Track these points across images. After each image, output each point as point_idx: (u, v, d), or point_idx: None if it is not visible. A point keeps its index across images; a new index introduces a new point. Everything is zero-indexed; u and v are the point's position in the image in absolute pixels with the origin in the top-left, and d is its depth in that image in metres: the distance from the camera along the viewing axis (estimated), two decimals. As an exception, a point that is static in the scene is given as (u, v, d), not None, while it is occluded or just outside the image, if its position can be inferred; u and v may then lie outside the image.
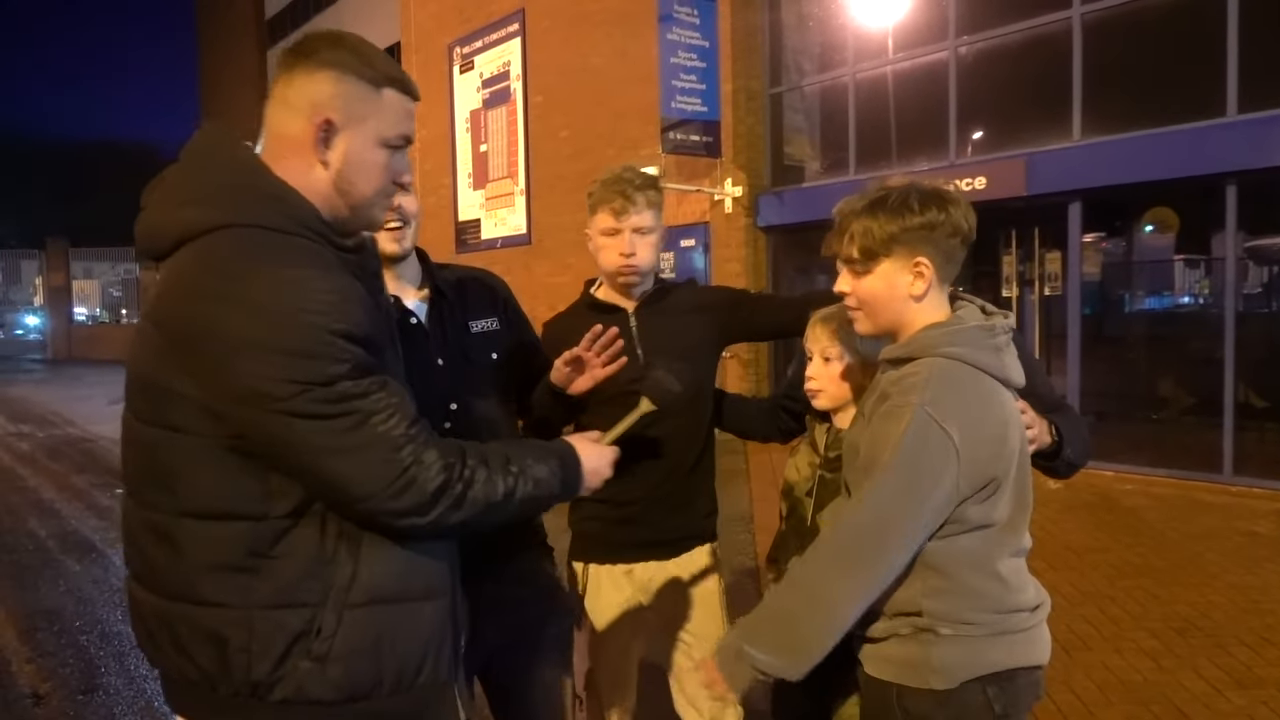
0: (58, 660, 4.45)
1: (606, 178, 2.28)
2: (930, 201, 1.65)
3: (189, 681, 1.37)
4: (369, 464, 1.26)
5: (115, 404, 7.04)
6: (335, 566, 1.33)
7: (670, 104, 11.17)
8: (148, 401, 1.35)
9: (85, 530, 7.15)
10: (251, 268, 1.26)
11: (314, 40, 1.42)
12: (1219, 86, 7.94)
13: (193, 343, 1.26)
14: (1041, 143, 9.21)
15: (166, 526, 1.35)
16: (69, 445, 12.00)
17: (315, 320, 1.23)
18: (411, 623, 1.40)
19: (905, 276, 1.66)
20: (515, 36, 15.69)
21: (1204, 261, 9.59)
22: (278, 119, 1.41)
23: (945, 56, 10.18)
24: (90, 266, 39.81)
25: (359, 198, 1.43)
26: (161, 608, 1.37)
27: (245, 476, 1.30)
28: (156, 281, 1.40)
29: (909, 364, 1.65)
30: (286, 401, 1.23)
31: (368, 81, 1.41)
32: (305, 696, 1.32)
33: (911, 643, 1.64)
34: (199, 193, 1.36)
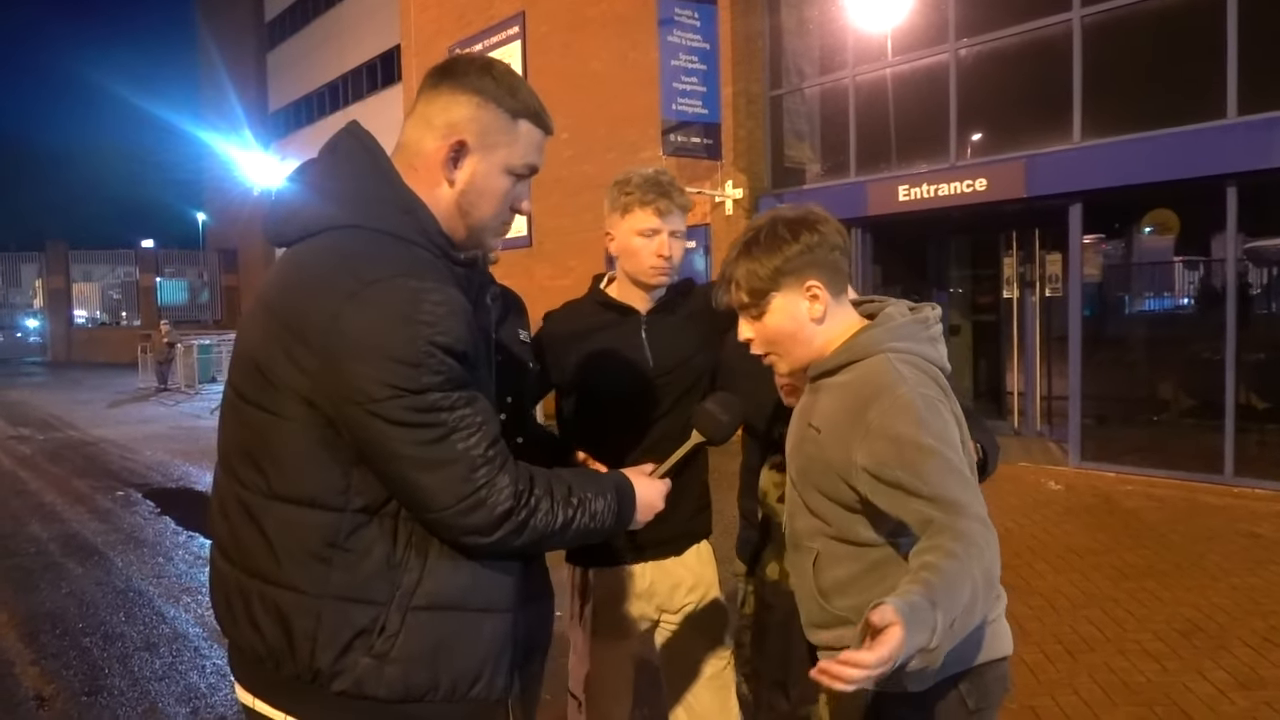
0: (61, 663, 4.45)
1: (641, 179, 2.27)
2: (800, 227, 1.66)
3: (257, 656, 1.41)
4: (445, 479, 1.31)
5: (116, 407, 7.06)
6: (404, 570, 1.38)
7: (671, 106, 11.20)
8: (250, 382, 1.39)
9: (87, 533, 7.15)
10: (377, 272, 1.31)
11: (464, 63, 1.49)
12: (1219, 88, 7.96)
13: (308, 333, 1.31)
14: (1041, 145, 9.22)
15: (254, 505, 1.39)
16: (70, 449, 12.00)
17: (421, 331, 1.28)
18: (470, 634, 1.43)
19: (801, 303, 1.67)
20: (515, 40, 15.72)
21: (1204, 263, 9.61)
22: (415, 133, 1.48)
23: (945, 59, 10.19)
24: (89, 269, 39.79)
25: (477, 220, 1.50)
26: (241, 581, 1.42)
27: (330, 468, 1.35)
28: (276, 266, 1.46)
29: (853, 367, 1.64)
30: (380, 404, 1.28)
31: (506, 111, 1.48)
32: (362, 691, 1.36)
33: None
34: (338, 191, 1.43)
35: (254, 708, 1.46)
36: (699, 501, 2.41)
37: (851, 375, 1.64)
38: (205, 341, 21.96)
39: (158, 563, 6.28)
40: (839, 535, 1.65)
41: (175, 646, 4.63)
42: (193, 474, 9.82)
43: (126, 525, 7.44)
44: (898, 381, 1.57)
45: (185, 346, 20.96)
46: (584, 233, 13.40)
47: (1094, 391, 9.10)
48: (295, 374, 1.32)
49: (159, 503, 8.32)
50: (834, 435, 1.61)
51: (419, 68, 17.89)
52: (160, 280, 37.49)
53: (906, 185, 10.23)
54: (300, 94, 32.89)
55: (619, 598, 2.33)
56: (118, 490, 8.98)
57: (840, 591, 1.66)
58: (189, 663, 4.40)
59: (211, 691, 4.05)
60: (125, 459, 11.00)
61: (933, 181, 9.99)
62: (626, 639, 2.37)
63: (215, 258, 39.13)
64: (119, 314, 39.99)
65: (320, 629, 1.35)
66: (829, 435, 1.62)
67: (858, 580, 1.65)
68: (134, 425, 14.45)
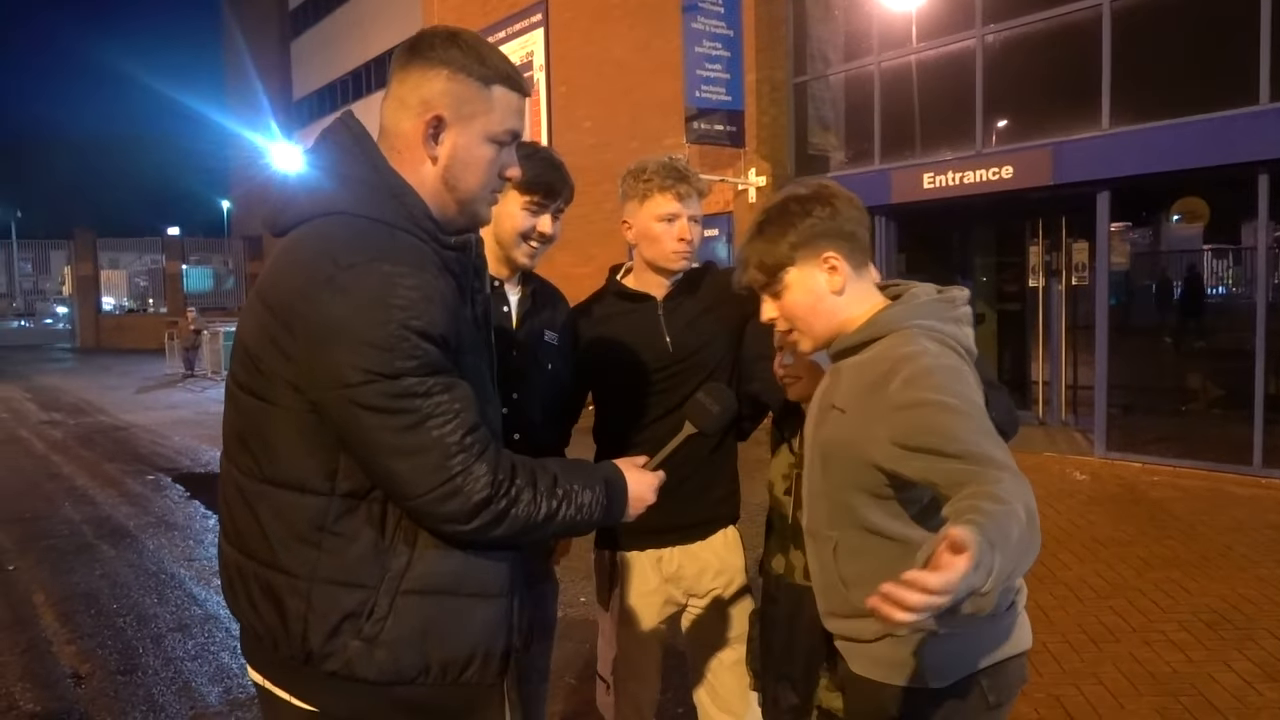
0: (96, 642, 4.54)
1: (657, 165, 2.29)
2: (812, 201, 1.65)
3: (257, 636, 1.45)
4: (418, 466, 1.31)
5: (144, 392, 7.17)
6: (392, 554, 1.38)
7: (694, 93, 11.16)
8: (245, 370, 1.42)
9: (119, 516, 7.28)
10: (353, 257, 1.31)
11: (428, 37, 1.47)
12: (1251, 74, 7.83)
13: (291, 320, 1.33)
14: (1069, 131, 9.12)
15: (249, 489, 1.42)
16: (100, 433, 12.19)
17: (394, 314, 1.28)
18: (462, 619, 1.43)
19: (819, 276, 1.65)
20: (538, 27, 15.71)
21: (1234, 251, 9.49)
22: (392, 115, 1.47)
23: (972, 45, 10.09)
24: (117, 257, 40.15)
25: (466, 192, 1.48)
26: (241, 563, 1.45)
27: (316, 453, 1.36)
28: (271, 256, 1.49)
29: (875, 345, 1.61)
30: (355, 389, 1.28)
31: (477, 79, 1.45)
32: (352, 673, 1.38)
33: (907, 644, 1.60)
34: (326, 179, 1.44)
35: (264, 685, 1.50)
36: (728, 487, 2.42)
37: (874, 353, 1.60)
38: (231, 329, 22.15)
39: (188, 545, 6.39)
40: (860, 524, 1.62)
41: (207, 627, 4.71)
42: (220, 459, 9.96)
43: (157, 509, 7.56)
44: (920, 352, 1.53)
45: (211, 333, 21.18)
46: (605, 221, 13.37)
47: (1120, 381, 9.02)
48: (282, 361, 1.34)
49: (188, 487, 8.45)
50: (857, 413, 1.57)
51: (442, 55, 17.92)
52: (186, 267, 37.83)
53: (931, 173, 10.16)
54: (323, 82, 33.04)
55: (645, 581, 2.35)
56: (148, 474, 9.12)
57: (860, 583, 1.61)
58: (220, 644, 4.48)
59: (243, 671, 4.12)
60: (155, 444, 11.16)
61: (958, 169, 9.91)
62: (654, 623, 2.39)
63: (240, 245, 39.43)
64: (146, 301, 40.40)
65: (310, 611, 1.37)
66: (852, 414, 1.59)
67: (879, 573, 1.55)
68: (162, 410, 14.65)
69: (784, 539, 2.02)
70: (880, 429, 1.50)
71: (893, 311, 1.62)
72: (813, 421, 1.74)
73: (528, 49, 15.92)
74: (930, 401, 1.46)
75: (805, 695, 1.97)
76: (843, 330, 1.66)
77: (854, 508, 1.61)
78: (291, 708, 1.45)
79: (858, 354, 1.63)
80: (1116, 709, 3.59)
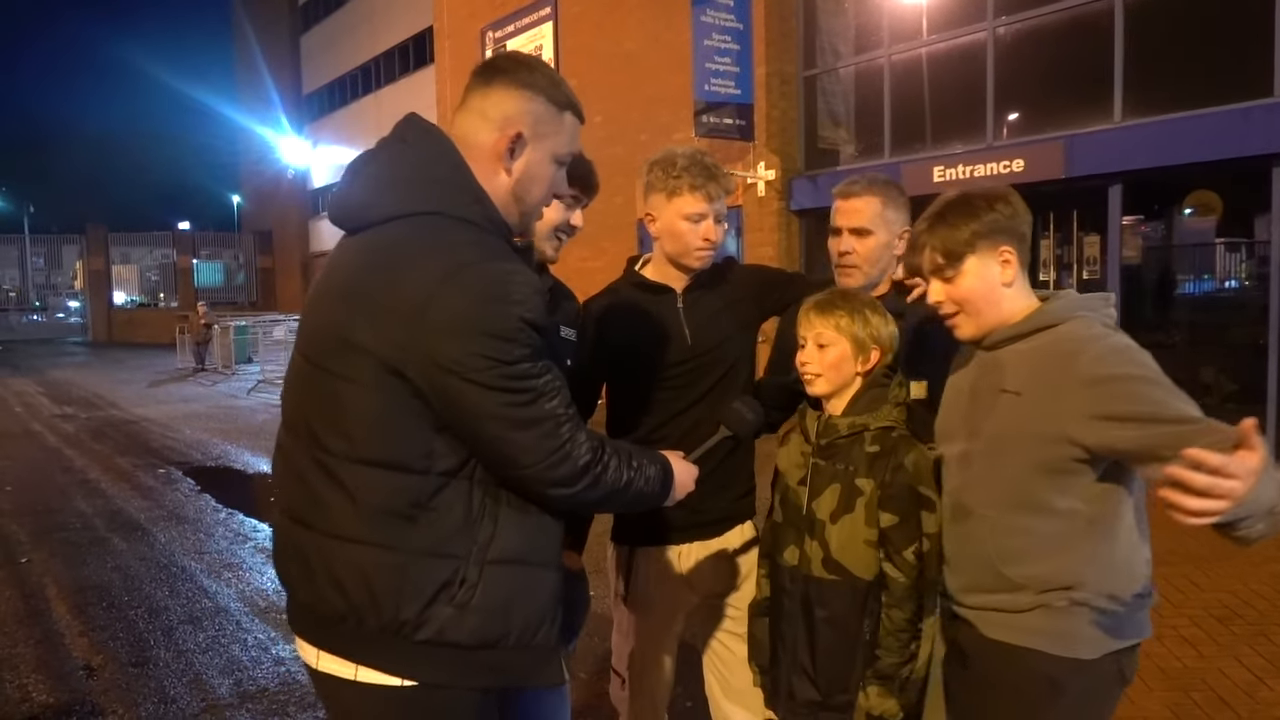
0: (108, 634, 4.57)
1: (687, 160, 2.25)
2: (994, 199, 1.78)
3: (336, 615, 1.50)
4: (536, 436, 1.45)
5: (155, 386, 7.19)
6: (480, 526, 1.50)
7: (704, 87, 11.14)
8: (334, 355, 1.49)
9: (130, 510, 7.32)
10: (469, 256, 1.44)
11: (511, 61, 1.63)
12: (1265, 66, 7.76)
13: (402, 309, 1.41)
14: (1081, 125, 9.06)
15: (338, 469, 1.49)
16: (112, 427, 12.26)
17: (513, 309, 1.42)
18: (536, 586, 1.57)
19: (994, 268, 1.77)
20: (547, 20, 15.69)
21: (1247, 245, 9.41)
22: (471, 127, 1.59)
23: (983, 37, 10.03)
24: (128, 251, 40.32)
25: (529, 205, 1.65)
26: (321, 543, 1.51)
27: (415, 433, 1.46)
28: (349, 248, 1.56)
29: (1046, 333, 1.72)
30: (478, 373, 1.41)
31: (554, 103, 1.62)
32: (444, 639, 1.48)
33: (1063, 615, 1.70)
34: (416, 180, 1.53)
35: (318, 666, 1.55)
36: (745, 486, 2.42)
37: (1046, 338, 1.71)
38: (242, 323, 22.27)
39: (199, 539, 6.42)
40: (1028, 501, 1.70)
41: (218, 620, 4.74)
42: (231, 453, 10.00)
43: (168, 502, 7.61)
44: (1103, 334, 1.67)
45: (222, 328, 21.27)
46: (616, 215, 13.35)
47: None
48: (386, 347, 1.42)
49: (199, 480, 8.49)
50: (1042, 394, 1.66)
51: (451, 50, 17.91)
52: (197, 262, 38.02)
53: (942, 166, 10.11)
54: (333, 76, 33.10)
55: (662, 577, 2.35)
56: (159, 468, 9.17)
57: (1018, 559, 1.72)
58: (231, 636, 4.51)
59: (254, 664, 4.15)
60: (166, 437, 11.22)
61: (969, 162, 9.86)
62: (669, 618, 2.39)
63: (251, 240, 39.59)
64: (157, 295, 40.59)
65: (406, 583, 1.46)
66: (1034, 396, 1.67)
67: (1040, 547, 1.71)
68: (174, 404, 14.72)
69: (798, 530, 2.00)
70: (1074, 404, 1.61)
71: (1060, 303, 1.75)
72: (968, 407, 1.83)
73: (537, 42, 15.90)
74: (1132, 375, 1.58)
75: (828, 693, 1.95)
76: (1005, 321, 1.77)
77: (1025, 485, 1.71)
78: (360, 688, 1.51)
79: (1024, 341, 1.74)
80: (1128, 704, 3.58)
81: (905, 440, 1.93)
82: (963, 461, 1.83)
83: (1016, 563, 1.72)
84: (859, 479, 1.93)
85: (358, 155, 1.64)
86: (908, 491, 1.88)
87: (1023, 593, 1.72)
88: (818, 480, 1.98)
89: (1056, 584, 1.69)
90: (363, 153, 1.64)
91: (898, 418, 1.96)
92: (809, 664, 1.97)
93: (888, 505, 1.89)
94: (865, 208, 2.24)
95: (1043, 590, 1.70)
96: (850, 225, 2.25)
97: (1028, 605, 1.72)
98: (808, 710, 1.99)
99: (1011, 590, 1.72)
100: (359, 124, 30.63)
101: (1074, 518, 1.68)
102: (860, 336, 1.97)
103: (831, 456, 1.97)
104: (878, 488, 1.90)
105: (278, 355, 18.70)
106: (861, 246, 2.24)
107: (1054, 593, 1.70)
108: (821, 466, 1.98)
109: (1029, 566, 1.71)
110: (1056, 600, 1.70)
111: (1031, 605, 1.71)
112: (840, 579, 1.93)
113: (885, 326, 2.00)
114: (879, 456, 1.92)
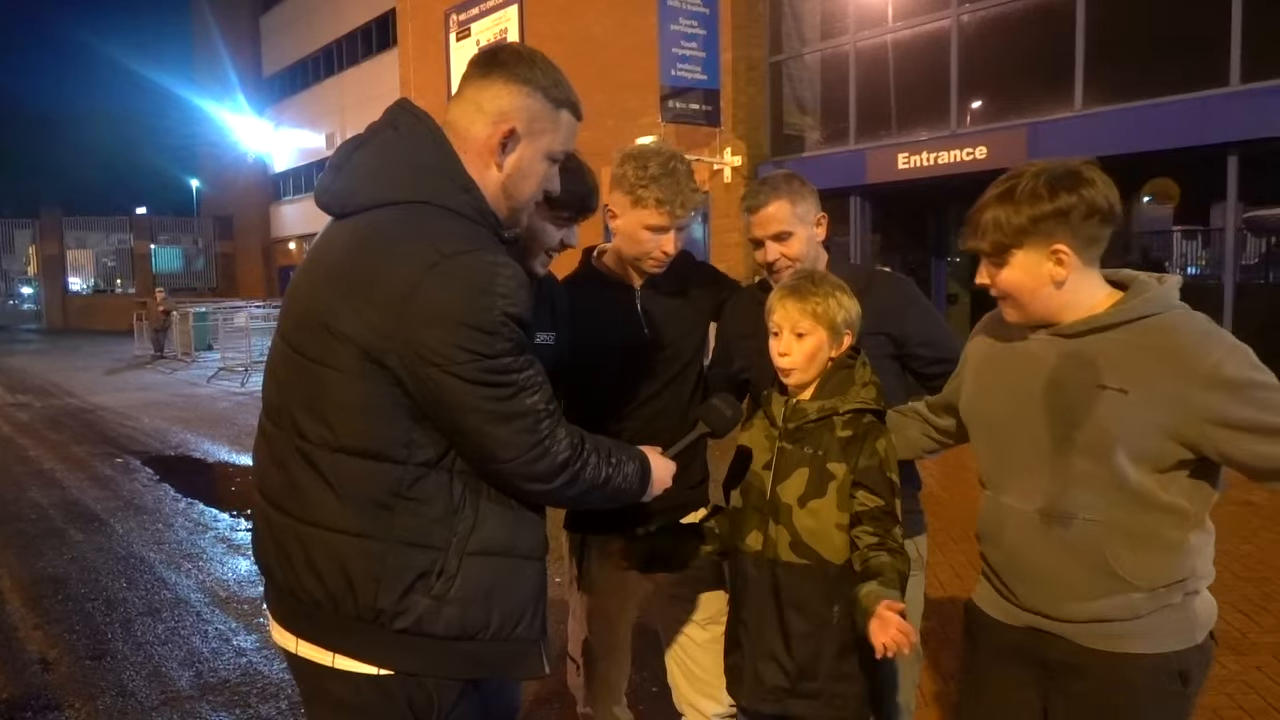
0: (64, 627, 4.48)
1: (659, 169, 2.17)
2: (1061, 185, 1.59)
3: (313, 601, 1.50)
4: (515, 430, 1.45)
5: (113, 374, 7.01)
6: (460, 517, 1.50)
7: (670, 72, 11.10)
8: (316, 342, 1.47)
9: (87, 500, 7.18)
10: (459, 246, 1.42)
11: (511, 54, 1.60)
12: (1222, 56, 7.90)
13: (385, 297, 1.40)
14: (1043, 112, 9.17)
15: (318, 457, 1.48)
16: (68, 416, 12.01)
17: (497, 302, 1.40)
18: (518, 578, 1.57)
19: (1044, 265, 1.62)
20: (512, 4, 15.53)
21: (1204, 232, 9.59)
22: (466, 118, 1.57)
23: (947, 25, 10.09)
24: (84, 236, 39.43)
25: (519, 200, 1.63)
26: (299, 530, 1.50)
27: (394, 423, 1.45)
28: (336, 234, 1.54)
29: (1142, 324, 1.60)
30: (459, 365, 1.40)
31: (551, 101, 1.60)
32: (421, 629, 1.48)
33: (1181, 609, 1.65)
34: (405, 168, 1.52)
35: (297, 652, 1.54)
36: (699, 475, 2.42)
37: (1147, 332, 1.59)
38: (201, 309, 21.90)
39: (158, 529, 6.31)
40: (1139, 500, 1.60)
41: (177, 611, 4.66)
42: (190, 441, 9.84)
43: (126, 492, 7.47)
44: (1216, 330, 1.57)
45: (181, 314, 20.90)
46: (582, 200, 13.35)
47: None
48: (368, 335, 1.41)
49: (158, 470, 8.34)
50: (1156, 394, 1.54)
51: (414, 32, 17.67)
52: (155, 247, 37.31)
53: (906, 153, 10.18)
54: (295, 58, 32.56)
55: (615, 565, 2.34)
56: (117, 457, 9.00)
57: (1133, 559, 1.62)
58: (191, 627, 4.44)
59: (214, 655, 4.09)
60: (124, 426, 11.01)
61: (933, 149, 9.94)
62: (622, 604, 2.38)
63: (210, 224, 38.92)
64: (114, 281, 39.79)
65: (384, 571, 1.46)
66: (1146, 395, 1.55)
67: (1154, 544, 1.62)
68: (132, 392, 14.45)
69: (761, 515, 1.97)
70: (1201, 403, 1.52)
71: (1154, 292, 1.62)
72: (1065, 401, 1.66)
73: (501, 26, 15.74)
74: (1264, 383, 1.50)
75: (797, 678, 1.92)
76: (1056, 315, 1.65)
77: (1137, 483, 1.59)
78: (337, 675, 1.50)
79: (1115, 331, 1.61)
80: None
81: (875, 426, 1.93)
82: (1054, 462, 1.68)
83: (1132, 562, 1.62)
84: (830, 463, 1.90)
85: (346, 140, 1.61)
86: (880, 475, 1.88)
87: (1136, 594, 1.62)
88: (783, 464, 1.95)
89: (1172, 579, 1.62)
90: (351, 138, 1.61)
91: (866, 398, 1.94)
92: (780, 649, 1.94)
93: (874, 489, 1.88)
94: (778, 213, 2.23)
95: (1157, 588, 1.62)
96: (769, 234, 2.25)
97: (1146, 609, 1.64)
98: (774, 696, 1.97)
99: (1124, 592, 1.63)
100: (321, 107, 30.17)
101: (1181, 513, 1.61)
102: (836, 322, 1.94)
103: (799, 440, 1.94)
104: (850, 472, 1.88)
105: (238, 342, 18.40)
106: (788, 250, 2.24)
107: (1170, 589, 1.63)
108: (788, 450, 1.95)
109: (1145, 565, 1.62)
110: (1173, 597, 1.63)
111: (1151, 609, 1.63)
112: (810, 563, 1.91)
113: (855, 307, 1.98)
114: (852, 441, 1.90)
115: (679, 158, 2.24)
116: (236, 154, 34.30)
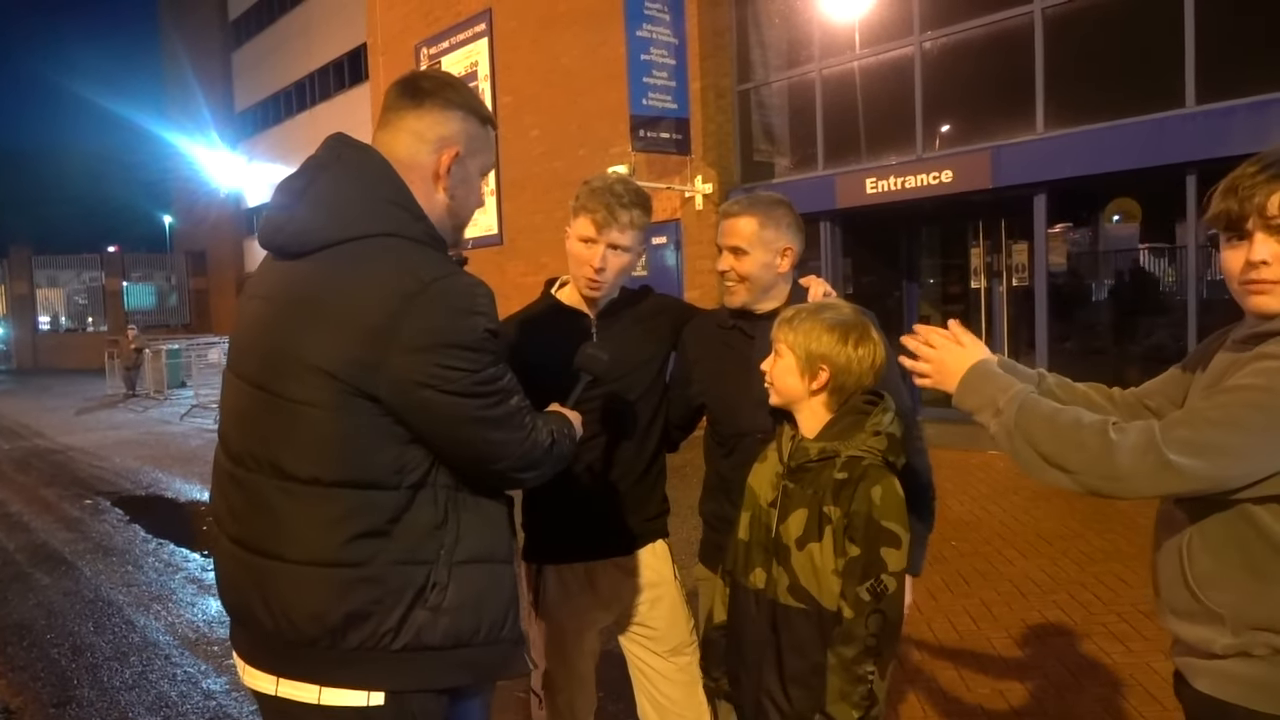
0: (29, 674, 4.39)
1: (597, 185, 2.23)
2: None
3: (306, 640, 1.50)
4: (507, 432, 1.57)
5: (84, 414, 6.92)
6: (445, 529, 1.56)
7: (640, 101, 11.20)
8: (288, 379, 1.48)
9: (55, 543, 7.06)
10: (437, 272, 1.49)
11: (434, 81, 1.66)
12: (1177, 79, 8.08)
13: (368, 330, 1.44)
14: (1006, 135, 9.32)
15: (305, 495, 1.49)
16: (37, 457, 11.83)
17: (479, 321, 1.50)
18: (499, 582, 1.65)
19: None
20: (482, 37, 15.64)
21: (1168, 250, 9.75)
22: (406, 148, 1.61)
23: (910, 51, 10.27)
24: (54, 274, 39.01)
25: (463, 218, 1.71)
26: (290, 572, 1.50)
27: (384, 451, 1.49)
28: (296, 271, 1.54)
29: None
30: (453, 384, 1.47)
31: (480, 120, 1.68)
32: (421, 643, 1.52)
33: (1265, 664, 1.46)
34: (365, 202, 1.55)
35: (276, 693, 1.53)
36: (657, 508, 2.42)
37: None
38: (174, 346, 21.69)
39: (127, 571, 6.21)
40: (1234, 518, 1.47)
41: (145, 655, 4.58)
42: (162, 481, 9.71)
43: (95, 534, 7.35)
44: None
45: (154, 352, 20.68)
46: (556, 230, 13.36)
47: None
48: (351, 369, 1.45)
49: (128, 510, 8.22)
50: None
51: (386, 66, 17.76)
52: (127, 284, 36.97)
53: (874, 177, 10.30)
54: (267, 93, 32.54)
55: (573, 594, 2.33)
56: (86, 498, 8.86)
57: (1213, 583, 1.50)
58: (159, 671, 4.36)
59: (182, 700, 4.02)
60: (94, 466, 10.86)
61: (900, 174, 10.06)
62: (579, 634, 2.36)
63: (183, 260, 38.64)
64: (85, 319, 39.33)
65: (387, 594, 1.50)
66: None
67: (1238, 571, 1.47)
68: (102, 432, 14.26)
69: (765, 552, 1.92)
70: None
71: None
72: None
73: (472, 59, 15.83)
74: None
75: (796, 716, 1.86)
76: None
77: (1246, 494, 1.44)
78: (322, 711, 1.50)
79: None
80: (1059, 701, 3.66)
81: (875, 470, 1.83)
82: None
83: (1212, 586, 1.49)
84: (827, 506, 1.84)
85: (287, 177, 1.61)
86: (868, 523, 1.79)
87: (1220, 627, 1.47)
88: (787, 504, 1.90)
89: (1256, 622, 1.45)
90: (293, 175, 1.60)
91: (873, 446, 1.85)
92: (776, 689, 1.89)
93: (852, 535, 1.81)
94: (743, 228, 2.24)
95: (1248, 630, 1.45)
96: (728, 244, 2.27)
97: (1229, 650, 1.47)
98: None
99: (1208, 621, 1.49)
100: (293, 141, 30.13)
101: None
102: (810, 352, 1.89)
103: (801, 480, 1.89)
104: (844, 516, 1.82)
105: (212, 379, 18.22)
106: (739, 265, 2.25)
107: (1259, 633, 1.45)
108: (791, 490, 1.90)
109: (1223, 592, 1.48)
110: (1257, 647, 1.45)
111: (1234, 650, 1.47)
112: (807, 607, 1.85)
113: (843, 349, 1.88)
114: (845, 484, 1.83)
115: (626, 182, 2.27)
116: (209, 189, 34.13)
